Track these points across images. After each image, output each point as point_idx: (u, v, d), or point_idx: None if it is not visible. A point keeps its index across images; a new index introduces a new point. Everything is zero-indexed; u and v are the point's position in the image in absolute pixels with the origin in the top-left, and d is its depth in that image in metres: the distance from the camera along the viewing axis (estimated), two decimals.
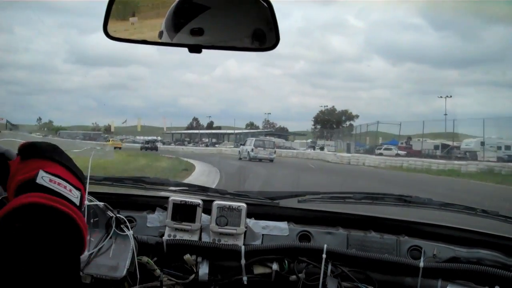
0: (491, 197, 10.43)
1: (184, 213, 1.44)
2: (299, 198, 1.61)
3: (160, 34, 1.03)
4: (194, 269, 1.39)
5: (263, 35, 1.01)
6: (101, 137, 61.00)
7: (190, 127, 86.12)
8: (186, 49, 1.00)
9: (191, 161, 20.54)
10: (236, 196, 1.60)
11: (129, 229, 1.34)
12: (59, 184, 0.72)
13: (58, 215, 0.69)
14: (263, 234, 1.48)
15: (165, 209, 1.47)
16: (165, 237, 1.42)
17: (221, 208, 1.44)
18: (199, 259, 1.40)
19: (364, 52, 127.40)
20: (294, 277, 1.37)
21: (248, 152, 24.48)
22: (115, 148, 29.92)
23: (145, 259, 1.36)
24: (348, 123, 67.12)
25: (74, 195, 0.73)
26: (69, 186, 0.73)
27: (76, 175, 0.78)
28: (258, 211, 1.56)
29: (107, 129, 74.92)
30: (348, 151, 35.29)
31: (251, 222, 1.49)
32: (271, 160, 23.79)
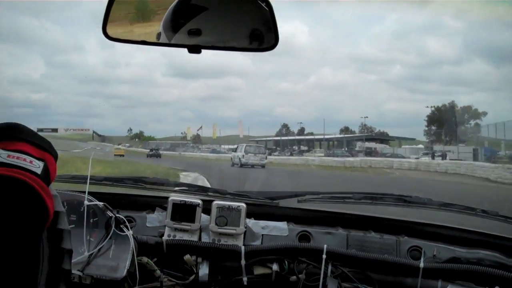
0: None
1: (183, 213, 1.44)
2: (299, 198, 1.61)
3: (158, 35, 1.03)
4: (194, 270, 1.39)
5: (262, 35, 1.01)
6: (188, 146, 57.86)
7: (279, 134, 72.94)
8: (281, 59, 0.98)
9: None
10: (236, 196, 1.60)
11: (128, 229, 1.34)
12: (18, 158, 0.73)
13: (12, 182, 0.70)
14: (262, 234, 1.48)
15: (165, 209, 1.47)
16: (165, 237, 1.42)
17: (220, 208, 1.44)
18: (199, 259, 1.40)
19: (464, 54, 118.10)
20: (294, 277, 1.37)
21: (239, 158, 24.32)
22: (116, 155, 32.17)
23: (145, 259, 1.36)
24: (472, 122, 52.15)
25: (35, 165, 0.74)
26: (29, 158, 0.74)
27: (40, 147, 0.78)
28: (258, 211, 1.56)
29: (195, 138, 69.79)
30: (476, 158, 26.05)
31: (251, 222, 1.49)
32: (263, 166, 23.28)
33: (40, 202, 0.72)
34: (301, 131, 73.98)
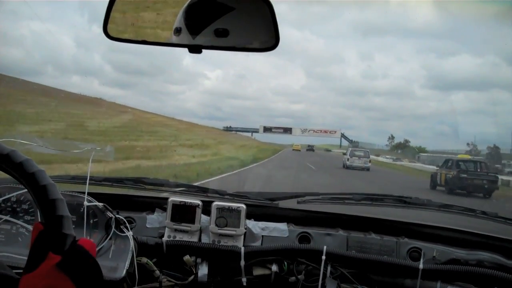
0: None
1: (183, 214, 1.44)
2: (299, 199, 1.61)
3: (176, 30, 1.00)
4: (194, 270, 1.39)
5: (263, 35, 1.01)
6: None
7: None
8: None
9: None
10: (236, 197, 1.60)
11: (128, 230, 1.34)
12: None
13: None
14: (262, 235, 1.48)
15: (165, 210, 1.47)
16: (165, 238, 1.42)
17: (220, 209, 1.44)
18: (199, 260, 1.40)
19: None
20: (293, 278, 1.37)
21: (345, 161, 25.00)
22: (293, 150, 38.89)
23: (144, 260, 1.36)
24: None
25: None
26: None
27: None
28: (258, 212, 1.56)
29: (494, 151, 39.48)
30: None
31: (251, 223, 1.49)
32: (367, 169, 23.56)
33: None
34: None
